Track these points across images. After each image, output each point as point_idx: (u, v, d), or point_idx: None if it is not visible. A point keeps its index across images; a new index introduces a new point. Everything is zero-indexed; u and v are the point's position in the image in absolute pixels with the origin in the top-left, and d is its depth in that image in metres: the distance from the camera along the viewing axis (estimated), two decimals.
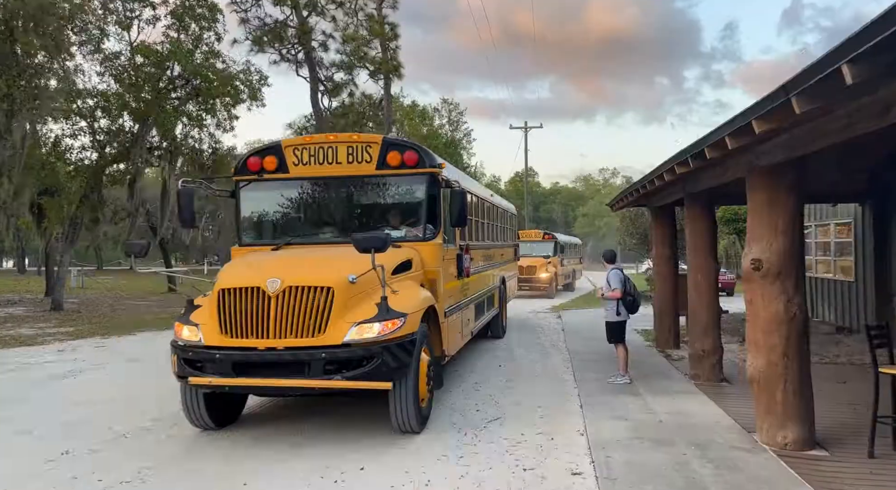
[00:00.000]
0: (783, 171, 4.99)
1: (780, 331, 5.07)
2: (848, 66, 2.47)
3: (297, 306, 4.98)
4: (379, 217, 6.82)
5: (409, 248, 6.29)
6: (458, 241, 7.56)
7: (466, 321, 8.11)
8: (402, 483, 4.43)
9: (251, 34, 19.97)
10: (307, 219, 7.02)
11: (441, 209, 6.58)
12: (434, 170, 6.50)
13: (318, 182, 6.79)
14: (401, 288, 5.59)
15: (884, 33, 2.16)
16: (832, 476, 4.42)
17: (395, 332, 5.06)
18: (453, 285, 7.24)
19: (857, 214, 10.55)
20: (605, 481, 4.38)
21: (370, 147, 6.52)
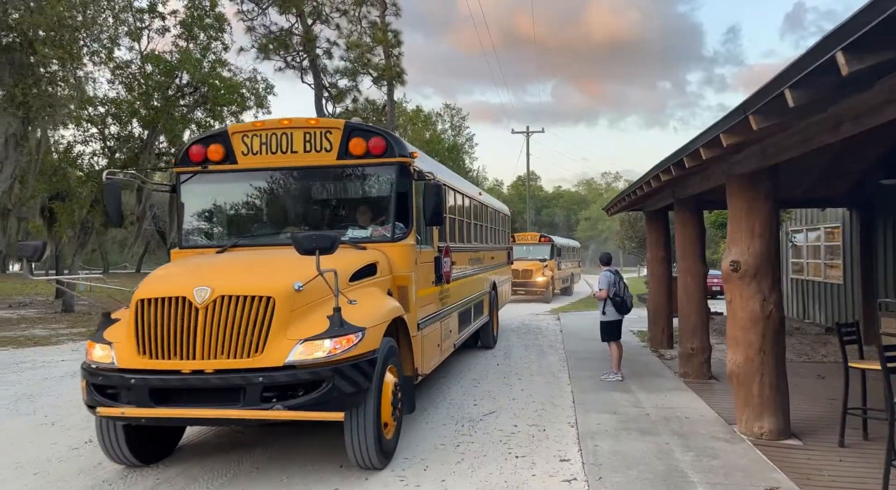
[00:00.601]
0: (759, 178, 5.34)
1: (757, 328, 5.40)
2: (789, 91, 2.83)
3: (229, 320, 4.16)
4: (341, 214, 6.05)
5: (375, 251, 5.44)
6: (437, 243, 6.69)
7: (447, 332, 7.19)
8: (403, 468, 4.78)
9: (257, 42, 20.43)
10: (258, 217, 6.17)
11: (413, 205, 5.70)
12: (404, 159, 5.62)
13: (271, 174, 5.94)
14: (361, 297, 4.74)
15: (816, 63, 2.52)
16: (803, 463, 4.75)
17: (351, 349, 4.22)
18: (430, 292, 6.39)
19: (844, 218, 10.88)
20: (591, 467, 4.73)
21: (330, 133, 5.66)
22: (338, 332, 4.23)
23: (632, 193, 8.71)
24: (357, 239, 5.55)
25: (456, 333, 7.77)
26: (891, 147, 7.53)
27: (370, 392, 4.38)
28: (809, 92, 2.78)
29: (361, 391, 4.31)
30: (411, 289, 5.66)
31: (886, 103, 3.04)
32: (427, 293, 6.29)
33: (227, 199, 6.16)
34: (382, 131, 5.74)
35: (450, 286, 7.24)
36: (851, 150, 8.31)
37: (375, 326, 4.57)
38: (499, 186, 68.05)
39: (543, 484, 4.44)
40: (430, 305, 6.38)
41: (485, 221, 10.53)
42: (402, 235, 5.66)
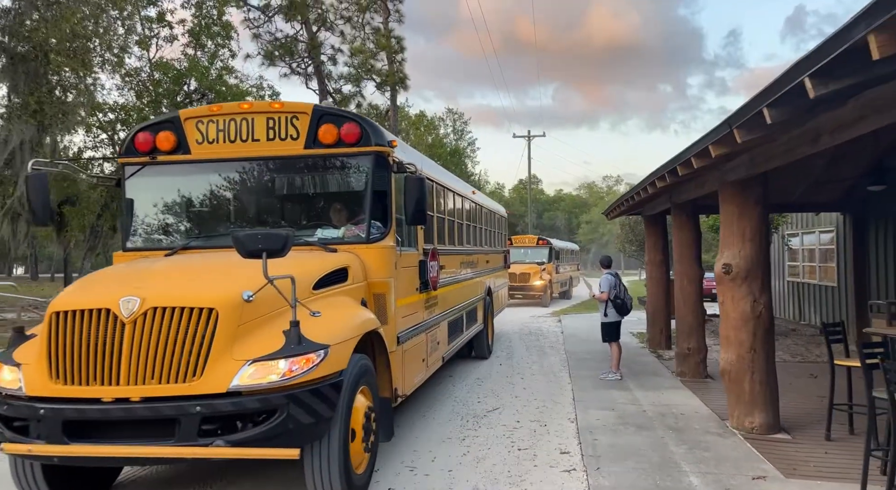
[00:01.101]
0: (749, 185, 5.62)
1: (748, 328, 5.68)
2: (767, 109, 3.12)
3: (162, 337, 3.47)
4: (309, 211, 5.45)
5: (347, 253, 4.74)
6: (422, 245, 5.97)
7: (434, 345, 6.49)
8: (412, 459, 5.07)
9: (263, 49, 20.78)
10: (214, 215, 5.43)
11: (392, 201, 5.03)
12: (382, 149, 4.94)
13: (229, 166, 5.20)
14: (327, 307, 4.06)
15: (787, 87, 2.81)
16: (791, 455, 5.02)
17: (310, 371, 3.55)
18: (413, 300, 5.69)
19: (838, 223, 11.15)
20: (589, 458, 5.01)
21: (296, 119, 4.97)
22: (295, 350, 3.53)
23: (630, 198, 9.01)
24: (327, 240, 4.86)
25: (445, 345, 7.08)
26: (880, 155, 7.81)
27: (335, 421, 3.72)
28: (785, 110, 3.08)
29: (323, 421, 3.63)
30: (390, 297, 4.93)
31: (859, 119, 3.33)
32: (410, 301, 5.56)
33: (178, 195, 5.37)
34: (357, 116, 5.04)
35: (437, 293, 6.52)
36: (843, 157, 8.59)
37: (342, 343, 3.87)
38: (500, 190, 68.38)
39: (544, 474, 4.72)
40: (413, 315, 5.64)
41: (479, 223, 9.96)
42: (380, 236, 4.94)
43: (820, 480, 4.44)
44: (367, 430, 4.21)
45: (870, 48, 2.11)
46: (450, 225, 7.71)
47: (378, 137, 4.99)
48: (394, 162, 5.08)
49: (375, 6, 23.23)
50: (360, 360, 4.12)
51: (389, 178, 5.06)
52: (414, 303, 5.74)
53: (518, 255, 22.12)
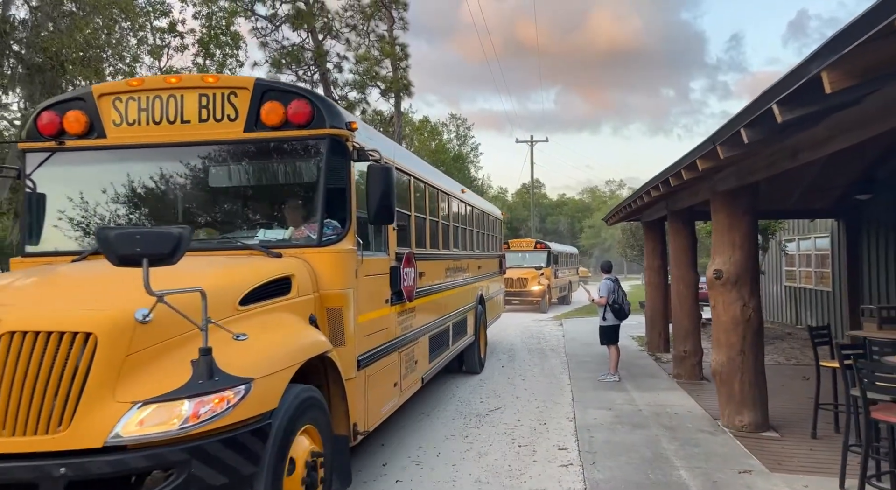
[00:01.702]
0: (739, 195, 5.91)
1: (738, 331, 5.96)
2: (745, 131, 3.43)
3: (19, 372, 2.66)
4: (250, 208, 4.60)
5: (293, 259, 3.91)
6: (394, 248, 5.12)
7: (411, 364, 5.68)
8: (418, 455, 5.36)
9: (270, 57, 21.18)
10: (133, 212, 4.48)
11: (352, 196, 4.20)
12: (338, 131, 4.11)
13: (153, 153, 4.28)
14: (258, 328, 3.29)
15: (758, 112, 3.12)
16: (777, 452, 5.30)
17: (224, 414, 2.74)
18: (382, 314, 4.83)
19: (833, 229, 11.42)
20: (586, 454, 5.30)
21: (235, 96, 4.15)
22: (204, 387, 2.71)
23: (628, 205, 9.30)
24: (270, 243, 4.03)
25: (426, 363, 6.23)
26: (867, 165, 8.11)
27: (260, 477, 2.87)
28: (759, 131, 3.38)
29: (241, 481, 2.80)
30: (348, 312, 4.06)
31: (830, 138, 3.63)
32: (377, 316, 4.69)
33: (91, 188, 4.42)
34: (307, 92, 4.23)
35: (415, 304, 5.70)
36: (835, 167, 8.88)
37: (273, 374, 3.07)
38: (503, 194, 68.76)
39: (543, 468, 5.01)
40: (381, 332, 4.77)
41: (469, 225, 9.29)
42: (335, 238, 4.09)
43: (802, 474, 4.72)
44: (310, 484, 3.27)
45: (823, 83, 2.41)
46: (433, 226, 6.82)
47: (333, 118, 4.13)
48: (354, 148, 4.21)
49: (380, 14, 23.64)
50: (301, 393, 3.27)
51: (348, 168, 4.20)
52: (382, 317, 4.81)
53: (515, 259, 21.62)
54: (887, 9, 1.92)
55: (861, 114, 3.26)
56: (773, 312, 14.40)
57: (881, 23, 1.94)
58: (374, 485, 4.67)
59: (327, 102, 4.26)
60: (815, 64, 2.44)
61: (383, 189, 4.12)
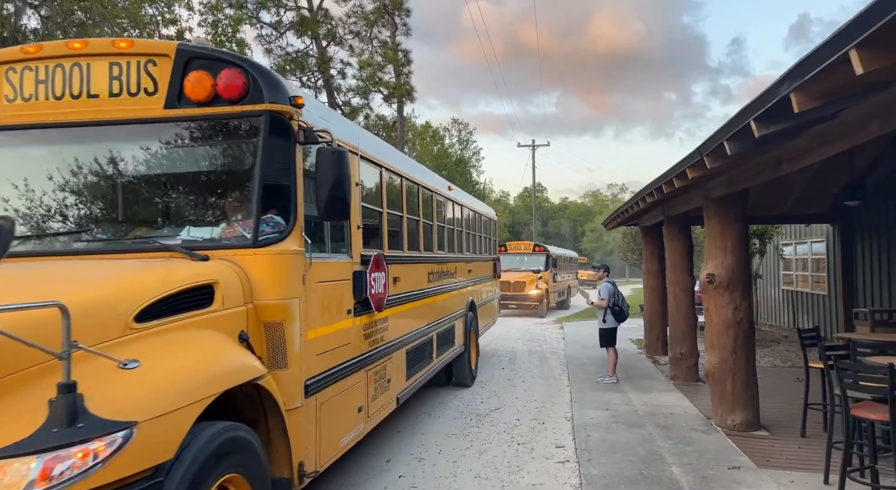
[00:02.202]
0: (730, 202, 6.13)
1: (730, 333, 6.17)
2: (728, 143, 3.65)
3: None
4: (172, 202, 3.82)
5: (221, 263, 3.23)
6: (359, 250, 4.40)
7: (382, 384, 4.94)
8: (419, 452, 5.58)
9: (275, 63, 21.48)
10: (29, 206, 3.69)
11: (297, 185, 3.54)
12: (279, 108, 3.43)
13: (54, 135, 3.60)
14: (158, 352, 2.61)
15: (737, 128, 3.34)
16: (767, 449, 5.49)
17: (90, 473, 2.07)
18: (341, 328, 4.10)
19: (828, 234, 11.62)
20: (582, 451, 5.51)
21: (153, 64, 3.45)
22: (61, 437, 2.05)
23: (626, 211, 9.53)
24: (195, 243, 3.37)
25: (402, 380, 5.51)
26: (857, 173, 8.33)
27: None
28: (740, 144, 3.60)
29: None
30: (291, 326, 3.37)
31: (810, 150, 3.85)
32: (334, 330, 3.99)
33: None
34: (241, 60, 3.50)
35: (388, 314, 5.01)
36: (826, 174, 9.10)
37: (172, 413, 2.37)
38: (505, 198, 69.03)
39: (541, 464, 5.22)
40: (340, 349, 4.05)
41: (459, 225, 8.61)
42: (276, 236, 3.41)
43: (789, 470, 4.92)
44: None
45: (792, 103, 2.63)
46: (412, 226, 6.12)
47: (274, 91, 3.44)
48: (300, 128, 3.52)
49: (383, 21, 23.96)
50: (219, 434, 2.61)
51: (293, 152, 3.51)
52: (342, 331, 4.08)
53: (513, 262, 21.28)
54: (840, 42, 2.15)
55: (838, 127, 3.48)
56: (770, 316, 14.59)
57: (835, 54, 2.17)
58: (378, 479, 4.88)
59: (266, 73, 3.51)
60: (785, 86, 2.66)
61: (335, 177, 3.42)
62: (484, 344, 12.71)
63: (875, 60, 2.03)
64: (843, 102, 2.92)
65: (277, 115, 3.44)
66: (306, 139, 3.56)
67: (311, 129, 3.57)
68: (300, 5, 21.92)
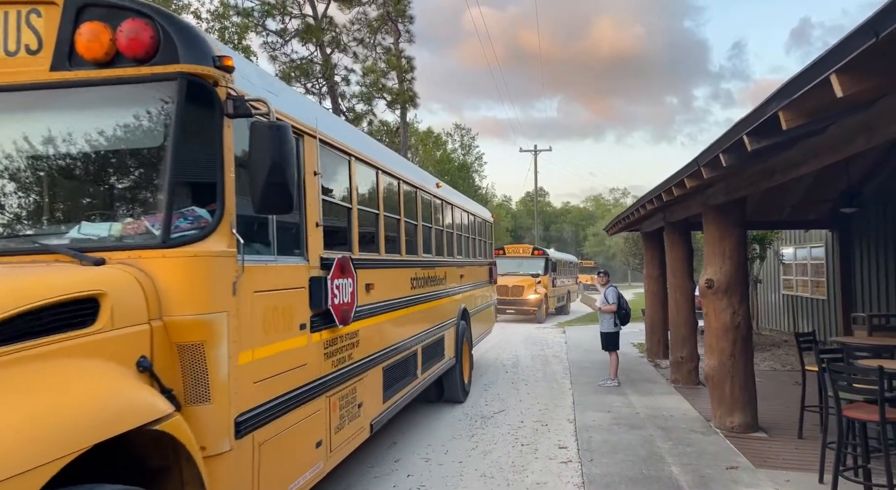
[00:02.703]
0: (728, 209, 6.29)
1: (728, 336, 6.33)
2: (723, 155, 3.83)
3: None
4: (60, 190, 3.07)
5: (115, 269, 2.55)
6: (318, 251, 3.74)
7: (351, 411, 4.20)
8: (427, 452, 5.74)
9: (280, 70, 21.74)
10: None
11: (225, 170, 2.82)
12: (200, 70, 2.74)
13: None
14: None
15: (731, 141, 3.52)
16: (764, 450, 5.65)
17: None
18: (293, 347, 3.41)
19: (827, 239, 11.77)
20: (584, 452, 5.67)
21: (37, 16, 2.77)
22: None
23: (626, 217, 9.70)
24: (87, 243, 2.69)
25: (378, 403, 4.82)
26: (854, 180, 8.51)
27: None
28: (734, 156, 3.78)
29: None
30: (216, 348, 2.69)
31: (802, 161, 4.03)
32: (282, 350, 3.27)
33: None
34: (148, 9, 2.73)
35: (359, 327, 4.33)
36: (825, 180, 9.27)
37: None
38: (507, 202, 69.25)
39: (544, 464, 5.38)
40: (290, 373, 3.35)
41: (449, 226, 7.93)
42: (195, 233, 2.72)
43: (785, 470, 5.07)
44: None
45: (780, 121, 2.81)
46: (391, 226, 5.50)
47: (192, 49, 2.73)
48: (228, 97, 2.82)
49: (386, 28, 24.22)
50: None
51: (219, 127, 2.81)
52: (292, 351, 3.39)
53: (511, 266, 20.86)
54: (822, 66, 2.33)
55: (827, 140, 3.66)
56: (770, 320, 14.72)
57: (818, 78, 2.34)
58: (387, 478, 5.05)
59: (182, 25, 2.78)
60: (773, 105, 2.84)
61: (273, 159, 2.74)
62: (486, 348, 12.87)
63: (853, 84, 2.21)
64: (831, 118, 3.09)
65: (197, 79, 2.73)
66: (237, 111, 2.83)
67: (243, 99, 2.85)
68: (305, 13, 22.22)
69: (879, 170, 9.14)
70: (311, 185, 3.61)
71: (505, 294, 19.23)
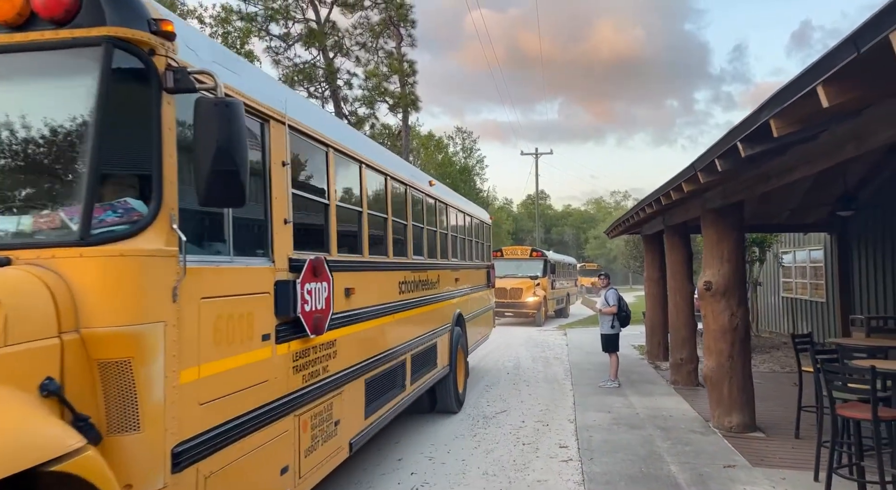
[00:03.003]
0: (726, 213, 6.41)
1: (726, 338, 6.43)
2: (718, 160, 3.95)
3: None
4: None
5: (18, 270, 2.15)
6: (287, 251, 3.35)
7: (326, 430, 3.78)
8: (430, 451, 5.85)
9: (283, 74, 21.91)
10: None
11: (163, 153, 2.41)
12: (131, 35, 2.33)
13: None
14: None
15: (725, 148, 3.64)
16: (761, 449, 5.75)
17: None
18: (253, 362, 2.98)
19: (826, 242, 11.88)
20: (584, 451, 5.77)
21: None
22: None
23: (627, 220, 9.82)
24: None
25: (359, 420, 4.38)
26: (850, 185, 8.64)
27: None
28: (730, 161, 3.90)
29: None
30: (148, 366, 2.29)
31: (795, 167, 4.15)
32: (239, 365, 2.88)
33: None
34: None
35: (336, 337, 3.89)
36: (823, 183, 9.38)
37: None
38: (509, 205, 69.38)
39: (545, 463, 5.49)
40: (248, 391, 2.94)
41: (443, 227, 7.50)
42: (123, 229, 2.32)
43: (781, 469, 5.17)
44: None
45: (771, 128, 2.93)
46: (376, 225, 5.08)
47: (122, 10, 2.35)
48: (168, 68, 2.43)
49: (389, 32, 24.40)
50: None
51: (156, 103, 2.41)
52: (252, 366, 2.97)
53: (509, 268, 20.57)
54: (810, 78, 2.44)
55: (819, 147, 3.78)
56: (770, 322, 14.81)
57: (805, 88, 2.46)
58: (391, 475, 5.16)
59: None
60: (765, 113, 2.96)
61: (220, 142, 2.35)
62: (488, 350, 12.98)
63: (839, 95, 2.33)
64: (822, 126, 3.21)
65: (128, 45, 2.32)
66: (178, 85, 2.42)
67: (185, 70, 2.43)
68: (308, 17, 22.40)
69: (876, 174, 9.25)
70: (279, 177, 3.16)
71: (503, 296, 19.09)
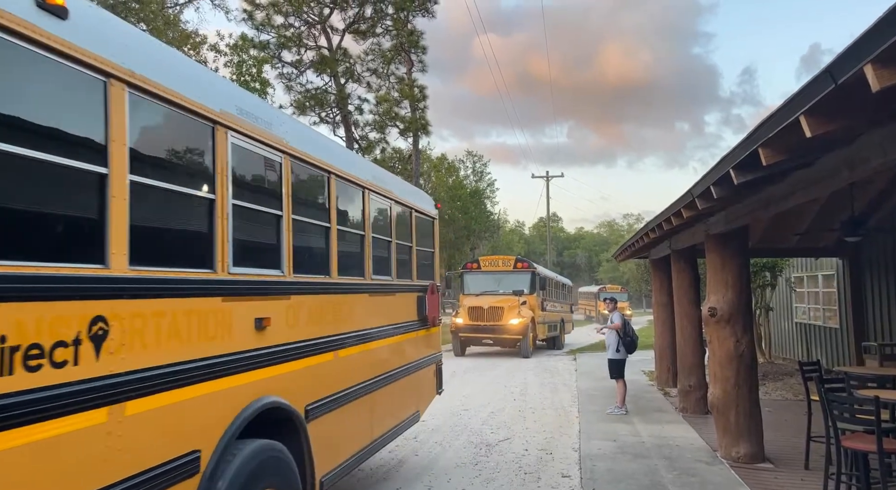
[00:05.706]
0: (729, 238, 6.35)
1: (732, 365, 6.32)
2: (713, 187, 3.95)
3: None
4: None
5: None
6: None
7: None
8: (429, 480, 5.77)
9: (295, 100, 22.32)
10: None
11: None
12: None
13: None
14: None
15: (718, 176, 3.64)
16: (769, 481, 5.60)
17: None
18: None
19: (838, 267, 11.70)
20: (587, 481, 5.66)
21: None
22: None
23: (632, 244, 9.77)
24: None
25: None
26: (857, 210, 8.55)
27: None
28: (724, 189, 3.90)
29: None
30: None
31: (792, 193, 4.13)
32: None
33: None
34: None
35: None
36: (833, 208, 9.28)
37: None
38: (520, 227, 69.39)
39: None
40: None
41: (337, 222, 4.33)
42: None
43: None
44: None
45: (760, 157, 2.93)
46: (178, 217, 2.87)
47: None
48: None
49: (400, 58, 24.80)
50: None
51: None
52: None
53: (488, 282, 16.63)
54: (793, 108, 2.45)
55: (815, 173, 3.76)
56: (784, 349, 14.54)
57: (788, 119, 2.46)
58: None
59: None
60: (753, 142, 2.96)
61: None
62: (493, 377, 12.79)
63: (821, 125, 2.33)
64: (812, 154, 3.20)
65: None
66: None
67: None
68: (320, 44, 22.87)
69: (886, 198, 9.15)
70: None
71: (479, 319, 15.25)
